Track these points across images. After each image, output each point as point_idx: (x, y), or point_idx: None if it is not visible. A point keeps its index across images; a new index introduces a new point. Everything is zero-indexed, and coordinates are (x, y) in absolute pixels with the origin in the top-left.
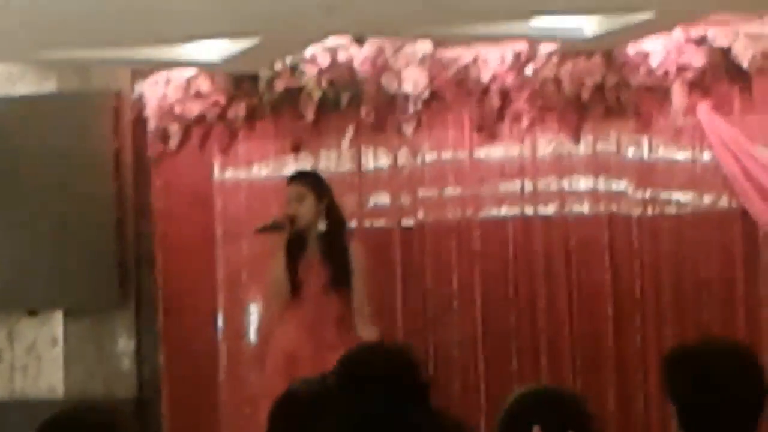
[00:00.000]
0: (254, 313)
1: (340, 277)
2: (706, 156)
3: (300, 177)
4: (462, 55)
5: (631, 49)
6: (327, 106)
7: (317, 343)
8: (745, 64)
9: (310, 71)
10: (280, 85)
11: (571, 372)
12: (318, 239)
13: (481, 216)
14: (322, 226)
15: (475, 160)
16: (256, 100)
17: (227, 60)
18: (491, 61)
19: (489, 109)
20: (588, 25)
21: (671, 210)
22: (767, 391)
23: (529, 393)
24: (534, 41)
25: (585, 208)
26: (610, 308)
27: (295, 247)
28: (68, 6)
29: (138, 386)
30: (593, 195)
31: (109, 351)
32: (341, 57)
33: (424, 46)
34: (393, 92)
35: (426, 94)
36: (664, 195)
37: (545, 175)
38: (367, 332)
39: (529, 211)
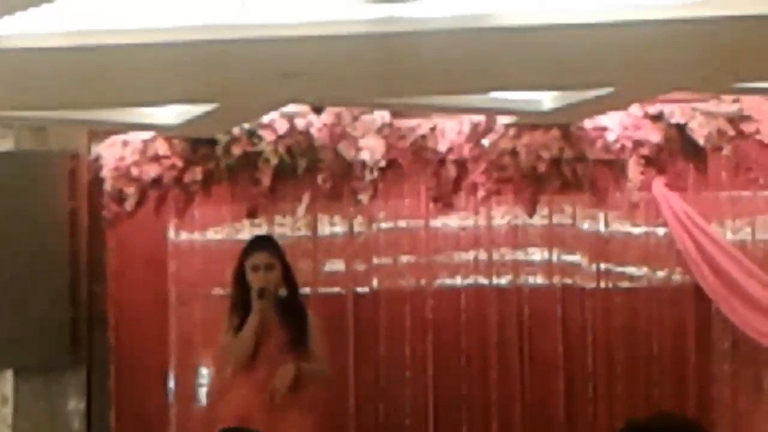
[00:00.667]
0: (205, 376)
1: (298, 339)
2: (661, 231)
3: (267, 244)
4: (420, 124)
5: (589, 124)
6: (284, 172)
7: (272, 406)
8: (701, 142)
9: (268, 137)
10: (237, 150)
11: None
12: (276, 305)
13: (436, 285)
14: (283, 292)
15: (431, 230)
16: (212, 165)
17: (185, 124)
18: (448, 131)
19: (445, 180)
20: (546, 99)
21: (625, 284)
22: None
23: None
24: (492, 113)
25: (539, 279)
26: (561, 380)
27: (245, 313)
28: (26, 66)
29: None
30: (548, 267)
31: (59, 411)
32: (299, 124)
33: (382, 115)
34: (350, 160)
35: (383, 162)
36: (618, 269)
37: (500, 246)
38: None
39: (483, 281)
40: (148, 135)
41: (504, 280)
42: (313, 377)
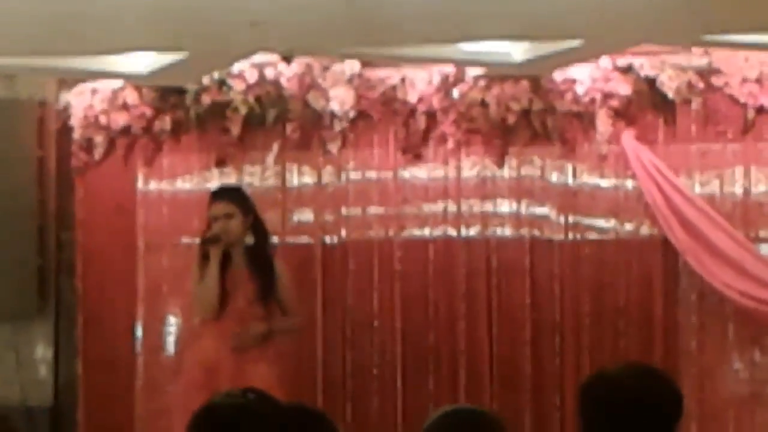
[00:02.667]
0: (173, 325)
1: (267, 289)
2: (629, 184)
3: (226, 194)
4: (390, 75)
5: (558, 76)
6: (253, 122)
7: (236, 356)
8: (670, 95)
9: (237, 87)
10: (206, 100)
11: (488, 393)
12: (244, 253)
13: (404, 235)
14: (249, 239)
15: (400, 181)
16: (182, 114)
17: (154, 73)
18: (418, 82)
19: (415, 131)
20: (516, 51)
21: (593, 236)
22: (680, 417)
23: (448, 414)
24: (462, 65)
25: (507, 231)
26: (528, 331)
27: (221, 262)
28: None
29: (54, 395)
30: (516, 219)
31: (26, 359)
32: (269, 74)
33: (351, 66)
34: (319, 110)
35: (352, 113)
36: (586, 221)
37: (469, 197)
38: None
39: (451, 232)
40: (117, 84)
41: (472, 232)
42: (283, 334)
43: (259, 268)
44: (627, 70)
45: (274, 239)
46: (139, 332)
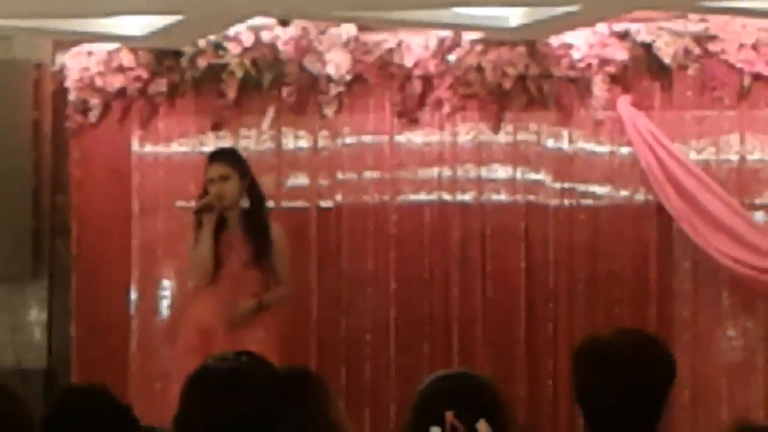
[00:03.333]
0: (167, 288)
1: (261, 253)
2: (625, 150)
3: (223, 156)
4: (386, 39)
5: (555, 41)
6: (249, 86)
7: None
8: (667, 61)
9: (234, 50)
10: (202, 63)
11: (482, 358)
12: (239, 217)
13: (399, 200)
14: (245, 203)
15: (395, 145)
16: (177, 77)
17: (150, 35)
18: (415, 46)
19: (411, 95)
20: (513, 16)
21: (588, 202)
22: (673, 383)
23: (442, 378)
24: (458, 29)
25: (503, 196)
26: (523, 296)
27: (216, 226)
28: None
29: (48, 357)
30: (511, 184)
31: (20, 321)
32: (265, 37)
33: (348, 29)
34: (315, 74)
35: (348, 77)
36: (581, 187)
37: (464, 162)
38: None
39: (447, 197)
40: (113, 46)
41: (468, 197)
42: (274, 305)
43: (254, 232)
44: (623, 35)
45: (270, 203)
46: (133, 295)
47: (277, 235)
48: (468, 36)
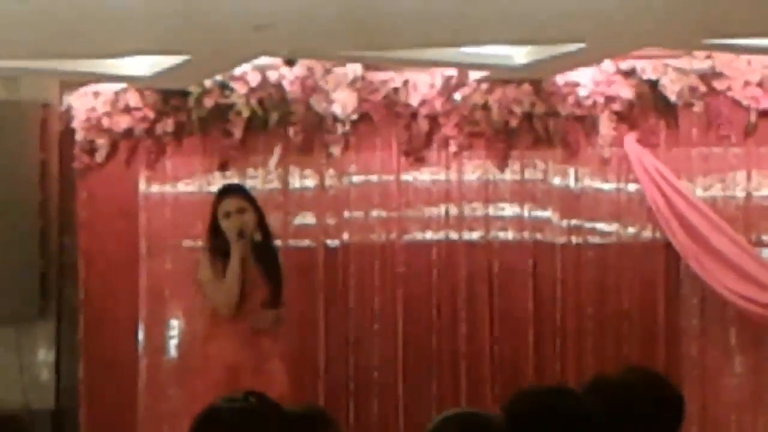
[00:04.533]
0: (175, 327)
1: (279, 293)
2: (631, 187)
3: (236, 190)
4: (392, 78)
5: (561, 79)
6: (255, 125)
7: (255, 355)
8: (672, 98)
9: (240, 89)
10: (209, 102)
11: (490, 396)
12: (253, 251)
13: (406, 239)
14: (257, 236)
15: (402, 184)
16: (184, 117)
17: (157, 75)
18: (421, 85)
19: (417, 134)
20: (518, 54)
21: (595, 239)
22: (682, 421)
23: (450, 417)
24: (464, 68)
25: (510, 234)
26: (531, 335)
27: (224, 260)
28: None
29: (56, 397)
30: (518, 222)
31: (28, 361)
32: (271, 77)
33: (354, 69)
34: (322, 113)
35: (355, 116)
36: (588, 224)
37: (471, 200)
38: None
39: (454, 235)
40: (119, 86)
41: (475, 235)
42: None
43: (270, 269)
44: (629, 73)
45: (277, 242)
46: (141, 335)
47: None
48: (474, 74)
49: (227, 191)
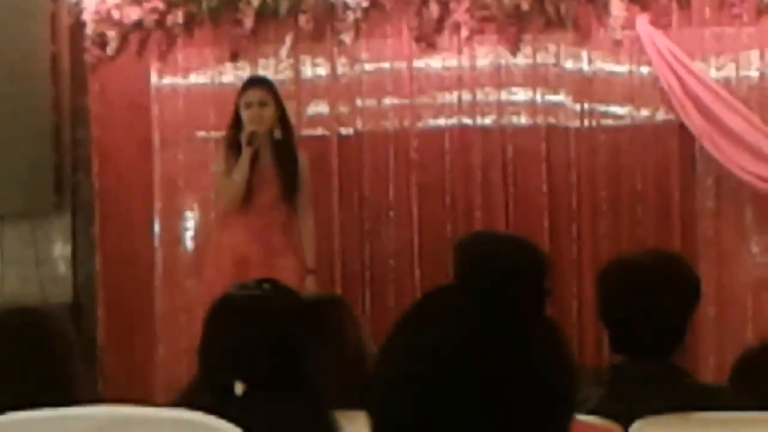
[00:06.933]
0: (191, 219)
1: (293, 189)
2: (644, 69)
3: (261, 82)
4: None
5: None
6: (266, 14)
7: (265, 249)
8: None
9: None
10: None
11: None
12: (271, 147)
13: (419, 126)
14: (278, 134)
15: (414, 70)
16: (194, 7)
17: None
18: None
19: (428, 19)
20: None
21: (608, 122)
22: (698, 301)
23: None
24: None
25: (523, 119)
26: (546, 219)
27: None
28: None
29: (73, 291)
30: (531, 106)
31: (44, 256)
32: None
33: None
34: (332, 0)
35: (365, 2)
36: (601, 107)
37: (483, 85)
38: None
39: (467, 121)
40: None
41: (488, 120)
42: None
43: (285, 165)
44: None
45: None
46: (156, 227)
47: (302, 164)
48: None
49: (252, 83)
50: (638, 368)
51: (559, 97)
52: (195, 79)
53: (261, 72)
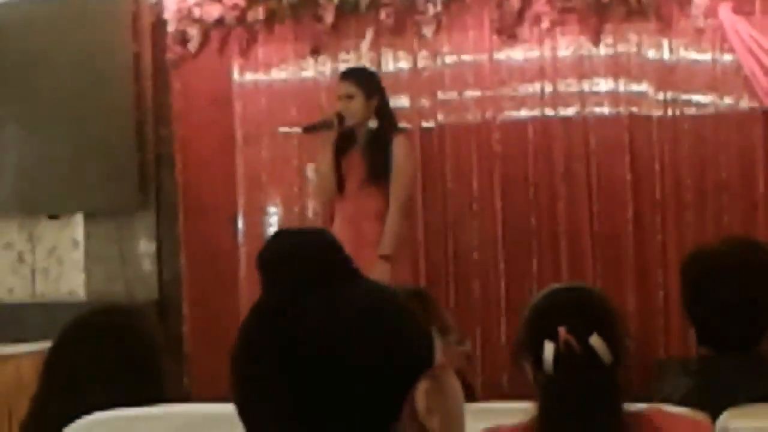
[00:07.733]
0: (274, 214)
1: (377, 172)
2: (727, 57)
3: (350, 75)
4: None
5: None
6: (346, 9)
7: (357, 239)
8: None
9: None
10: None
11: (591, 273)
12: (366, 137)
13: (501, 118)
14: (372, 123)
15: (495, 62)
16: (275, 3)
17: None
18: None
19: (509, 11)
20: None
21: (691, 111)
22: None
23: (554, 292)
24: None
25: (605, 109)
26: (630, 209)
27: (340, 145)
28: None
29: (159, 288)
30: (613, 96)
31: (129, 253)
32: None
33: None
34: None
35: None
36: (684, 96)
37: (565, 76)
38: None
39: (549, 112)
40: None
41: (570, 111)
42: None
43: (372, 151)
44: None
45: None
46: (240, 223)
47: (397, 151)
48: None
49: (341, 76)
50: (726, 360)
51: (642, 87)
52: (276, 74)
53: (342, 67)
